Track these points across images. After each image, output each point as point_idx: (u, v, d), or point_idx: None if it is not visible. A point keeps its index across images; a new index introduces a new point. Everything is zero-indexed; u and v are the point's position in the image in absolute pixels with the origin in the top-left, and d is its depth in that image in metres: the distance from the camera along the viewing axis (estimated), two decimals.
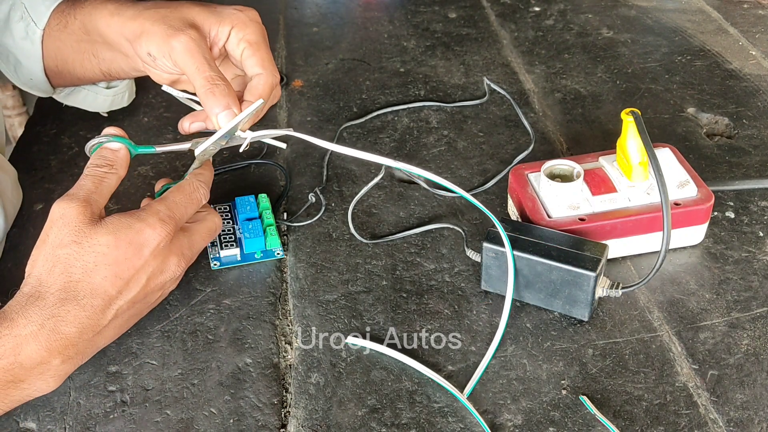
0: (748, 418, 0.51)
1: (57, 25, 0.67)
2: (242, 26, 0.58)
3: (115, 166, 0.55)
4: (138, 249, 0.51)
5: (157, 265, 0.53)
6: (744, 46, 0.92)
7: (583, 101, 0.84)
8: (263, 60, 0.58)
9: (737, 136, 0.78)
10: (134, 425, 0.52)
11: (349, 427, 0.52)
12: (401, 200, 0.71)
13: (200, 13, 0.58)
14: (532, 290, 0.58)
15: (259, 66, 0.57)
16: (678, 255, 0.64)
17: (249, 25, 0.58)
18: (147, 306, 0.56)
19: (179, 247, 0.55)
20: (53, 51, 0.68)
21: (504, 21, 1.01)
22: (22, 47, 0.69)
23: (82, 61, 0.67)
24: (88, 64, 0.67)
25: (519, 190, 0.64)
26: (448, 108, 0.84)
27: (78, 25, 0.65)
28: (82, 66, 0.68)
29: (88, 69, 0.68)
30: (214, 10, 0.59)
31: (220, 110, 0.56)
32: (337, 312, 0.60)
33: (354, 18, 1.04)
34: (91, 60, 0.67)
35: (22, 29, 0.68)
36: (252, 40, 0.58)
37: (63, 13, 0.67)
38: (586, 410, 0.52)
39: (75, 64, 0.68)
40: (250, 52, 0.58)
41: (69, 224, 0.50)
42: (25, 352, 0.48)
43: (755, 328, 0.57)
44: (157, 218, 0.52)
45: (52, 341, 0.49)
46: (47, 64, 0.70)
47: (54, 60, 0.69)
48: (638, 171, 0.61)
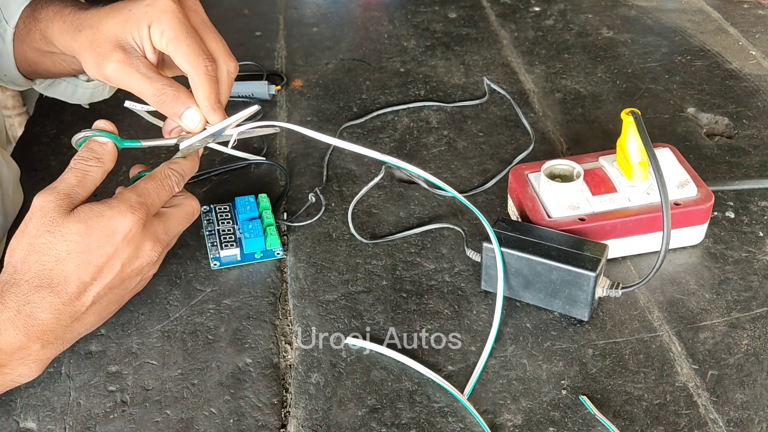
0: (748, 418, 0.51)
1: (24, 29, 0.67)
2: (157, 21, 0.55)
3: (102, 159, 0.56)
4: (110, 236, 0.52)
5: (132, 251, 0.53)
6: (744, 46, 0.92)
7: (583, 101, 0.84)
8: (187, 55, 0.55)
9: (737, 136, 0.78)
10: (134, 425, 0.52)
11: (349, 427, 0.52)
12: (401, 200, 0.71)
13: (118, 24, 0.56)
14: (532, 290, 0.58)
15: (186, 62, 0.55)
16: (678, 255, 0.64)
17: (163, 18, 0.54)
18: (127, 291, 0.56)
19: (153, 232, 0.54)
20: (24, 50, 0.68)
21: (504, 21, 1.01)
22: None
23: (54, 62, 0.67)
24: (58, 64, 0.67)
25: (519, 190, 0.64)
26: (448, 108, 0.84)
27: (39, 35, 0.65)
28: (53, 65, 0.68)
29: (60, 68, 0.68)
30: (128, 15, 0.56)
31: (181, 112, 0.57)
32: (337, 312, 0.60)
33: (354, 18, 1.04)
34: (60, 63, 0.67)
35: None
36: (170, 36, 0.54)
37: (28, 18, 0.66)
38: (586, 410, 0.52)
39: (47, 64, 0.68)
40: (173, 49, 0.55)
41: (46, 215, 0.51)
42: (3, 337, 0.49)
43: (755, 328, 0.57)
44: (128, 205, 0.53)
45: (29, 327, 0.50)
46: (18, 62, 0.69)
47: (25, 59, 0.69)
48: (638, 171, 0.61)
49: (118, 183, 0.74)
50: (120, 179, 0.75)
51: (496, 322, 0.57)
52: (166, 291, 0.62)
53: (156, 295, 0.62)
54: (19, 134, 0.84)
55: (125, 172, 0.76)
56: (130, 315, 0.60)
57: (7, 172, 0.69)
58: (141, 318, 0.60)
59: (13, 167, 0.72)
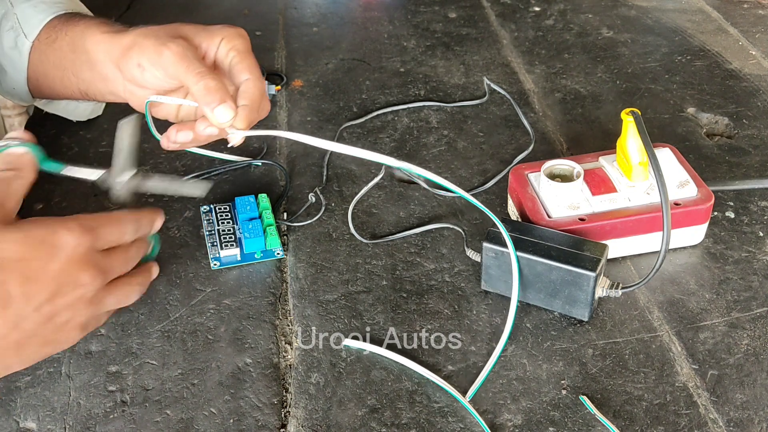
0: (748, 418, 0.51)
1: (46, 39, 0.67)
2: (231, 38, 0.60)
3: (21, 171, 0.52)
4: (51, 249, 0.47)
5: (71, 274, 0.47)
6: (744, 46, 0.92)
7: (583, 101, 0.84)
8: (251, 66, 0.59)
9: (737, 136, 0.78)
10: (134, 425, 0.52)
11: (349, 427, 0.52)
12: (401, 200, 0.71)
13: (191, 29, 0.60)
14: (532, 290, 0.58)
15: (247, 71, 0.59)
16: (678, 255, 0.64)
17: (237, 38, 0.60)
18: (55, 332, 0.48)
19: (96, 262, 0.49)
20: (37, 64, 0.69)
21: (504, 21, 1.01)
22: (9, 56, 0.69)
23: (62, 78, 0.68)
24: (67, 81, 0.68)
25: (519, 190, 0.64)
26: (448, 108, 0.84)
27: (67, 42, 0.66)
28: (61, 83, 0.68)
29: (67, 86, 0.68)
30: (203, 27, 0.61)
31: (217, 104, 0.56)
32: (337, 312, 0.60)
33: (354, 18, 1.04)
34: (70, 78, 0.67)
35: (11, 39, 0.68)
36: (240, 49, 0.60)
37: (54, 28, 0.67)
38: (586, 410, 0.52)
39: (55, 80, 0.69)
40: (238, 59, 0.59)
41: None
42: None
43: (755, 328, 0.57)
44: (77, 223, 0.48)
45: None
46: (30, 76, 0.70)
47: (36, 73, 0.70)
48: (638, 171, 0.61)
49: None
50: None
51: (509, 326, 0.57)
52: (166, 291, 0.62)
53: (156, 295, 0.62)
54: None
55: None
56: (130, 315, 0.60)
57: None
58: (141, 318, 0.60)
59: None
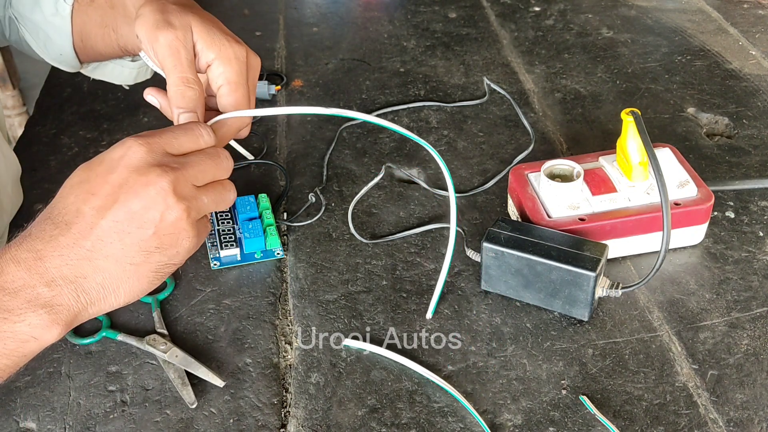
0: (748, 418, 0.51)
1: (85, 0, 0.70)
2: (225, 60, 0.57)
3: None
4: (108, 163, 0.49)
5: (134, 177, 0.48)
6: (744, 46, 0.92)
7: (583, 101, 0.84)
8: (238, 103, 0.58)
9: (737, 136, 0.78)
10: (134, 425, 0.52)
11: (349, 427, 0.52)
12: (401, 200, 0.71)
13: (199, 23, 0.58)
14: (532, 290, 0.58)
15: (233, 106, 0.57)
16: (678, 255, 0.64)
17: (231, 63, 0.57)
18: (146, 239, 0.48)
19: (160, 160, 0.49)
20: (80, 26, 0.71)
21: (504, 21, 1.01)
22: (52, 23, 0.71)
23: (103, 35, 0.70)
24: (108, 39, 0.70)
25: (519, 190, 0.64)
26: (448, 108, 0.84)
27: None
28: (103, 40, 0.70)
29: (108, 44, 0.70)
30: (210, 29, 0.58)
31: (184, 112, 0.56)
32: (337, 312, 0.60)
33: (354, 18, 1.04)
34: (110, 35, 0.69)
35: (51, 5, 0.70)
36: (232, 80, 0.57)
37: None
38: (586, 410, 0.52)
39: (97, 39, 0.71)
40: (227, 91, 0.57)
41: None
42: (6, 274, 0.46)
43: (755, 328, 0.57)
44: (132, 137, 0.50)
45: (30, 261, 0.47)
46: (74, 39, 0.72)
47: (80, 35, 0.72)
48: (638, 171, 0.61)
49: None
50: None
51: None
52: (166, 291, 0.62)
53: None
54: (19, 134, 0.84)
55: None
56: (130, 315, 0.60)
57: (5, 168, 0.69)
58: (141, 318, 0.60)
59: (14, 165, 0.72)
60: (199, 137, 0.52)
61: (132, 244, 0.48)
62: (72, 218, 0.47)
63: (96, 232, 0.47)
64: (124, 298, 0.49)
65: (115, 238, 0.48)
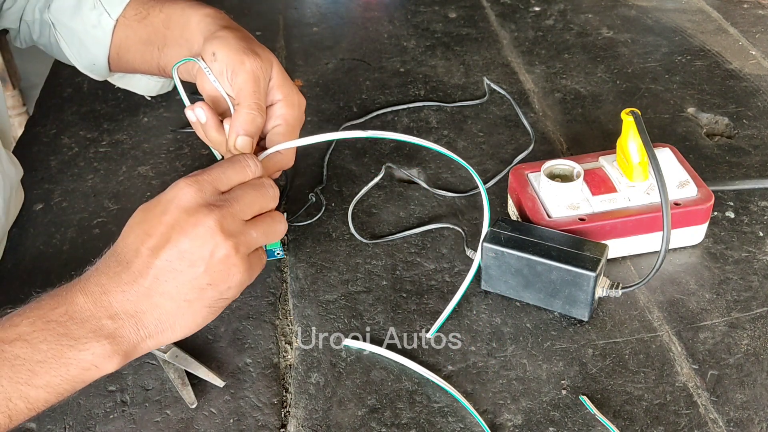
0: (748, 418, 0.51)
1: (135, 16, 0.71)
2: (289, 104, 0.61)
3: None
4: (162, 205, 0.51)
5: (184, 217, 0.50)
6: (744, 46, 0.92)
7: (583, 101, 0.84)
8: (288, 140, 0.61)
9: (737, 136, 0.78)
10: (134, 425, 0.52)
11: (349, 427, 0.52)
12: (401, 200, 0.71)
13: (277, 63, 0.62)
14: (532, 290, 0.58)
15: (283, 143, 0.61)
16: (678, 255, 0.64)
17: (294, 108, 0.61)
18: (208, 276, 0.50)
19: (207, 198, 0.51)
20: (120, 40, 0.72)
21: (504, 21, 1.01)
22: (92, 35, 0.72)
23: (144, 52, 0.71)
24: (148, 55, 0.71)
25: (519, 190, 0.64)
26: (448, 108, 0.84)
27: (161, 18, 0.69)
28: (142, 57, 0.72)
29: (146, 60, 0.72)
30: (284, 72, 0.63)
31: (244, 134, 0.58)
32: (337, 312, 0.60)
33: (354, 18, 1.04)
34: (153, 53, 0.70)
35: (94, 18, 0.71)
36: (290, 123, 0.61)
37: (145, 4, 0.71)
38: (586, 410, 0.52)
39: (136, 55, 0.72)
40: (283, 131, 0.61)
41: None
42: (74, 304, 0.49)
43: (755, 328, 0.57)
44: (183, 178, 0.52)
45: (97, 294, 0.49)
46: (111, 52, 0.74)
47: (117, 48, 0.73)
48: (638, 171, 0.61)
49: (118, 183, 0.74)
50: (120, 179, 0.75)
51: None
52: None
53: None
54: (19, 134, 0.84)
55: (125, 172, 0.76)
56: None
57: (15, 172, 0.70)
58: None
59: (18, 168, 0.72)
60: (246, 168, 0.55)
61: (185, 282, 0.50)
62: (132, 257, 0.50)
63: (152, 271, 0.50)
64: (180, 332, 0.52)
65: (169, 276, 0.50)
